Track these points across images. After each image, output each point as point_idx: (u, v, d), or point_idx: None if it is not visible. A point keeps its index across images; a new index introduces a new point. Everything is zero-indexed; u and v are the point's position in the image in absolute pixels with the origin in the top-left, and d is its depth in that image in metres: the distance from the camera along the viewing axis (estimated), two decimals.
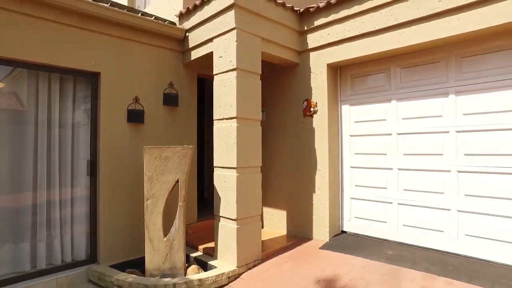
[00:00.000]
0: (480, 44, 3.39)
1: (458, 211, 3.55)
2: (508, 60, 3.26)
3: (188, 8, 4.36)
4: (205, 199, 6.28)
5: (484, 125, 3.40)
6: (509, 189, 3.23)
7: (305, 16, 4.48)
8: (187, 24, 4.45)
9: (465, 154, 3.52)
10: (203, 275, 3.39)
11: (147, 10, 5.64)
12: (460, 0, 3.16)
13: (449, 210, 3.62)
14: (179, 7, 4.80)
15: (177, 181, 3.64)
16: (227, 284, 3.42)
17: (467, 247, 3.48)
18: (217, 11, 3.88)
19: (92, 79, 3.78)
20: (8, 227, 3.31)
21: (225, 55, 3.79)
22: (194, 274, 3.47)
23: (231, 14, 3.70)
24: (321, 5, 4.24)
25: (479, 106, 3.43)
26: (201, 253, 4.08)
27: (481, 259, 3.35)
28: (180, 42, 4.55)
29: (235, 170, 3.63)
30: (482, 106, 3.41)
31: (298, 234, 4.59)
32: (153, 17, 4.19)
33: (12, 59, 3.22)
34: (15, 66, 3.34)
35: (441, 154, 3.68)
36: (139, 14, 4.02)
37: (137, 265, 3.75)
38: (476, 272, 3.08)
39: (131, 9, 4.06)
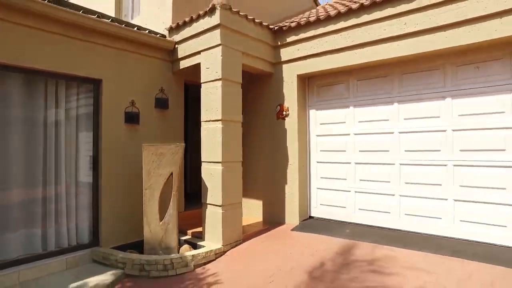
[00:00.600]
0: (416, 64, 4.30)
1: (400, 195, 4.45)
2: (434, 78, 4.19)
3: (177, 23, 4.97)
4: (189, 194, 6.83)
5: (419, 127, 4.31)
6: (436, 177, 4.16)
7: (279, 33, 5.25)
8: (176, 37, 5.06)
9: (405, 150, 4.42)
10: (195, 252, 4.03)
11: (136, 21, 6.14)
12: (398, 31, 4.06)
13: (393, 195, 4.50)
14: (168, 20, 5.38)
15: (171, 174, 4.25)
16: (214, 260, 4.08)
17: (406, 223, 4.38)
18: (205, 28, 4.53)
19: (94, 85, 4.30)
20: (21, 215, 3.76)
21: (211, 66, 4.45)
22: (187, 252, 4.10)
23: (217, 32, 4.37)
24: (292, 25, 5.02)
25: (415, 113, 4.34)
26: (190, 237, 4.70)
27: (416, 232, 4.26)
28: (170, 53, 5.15)
29: (220, 164, 4.30)
30: (417, 112, 4.32)
31: (273, 220, 5.33)
32: (147, 31, 4.77)
33: (27, 67, 3.69)
34: (29, 74, 3.79)
35: (388, 151, 4.57)
36: (135, 29, 4.58)
37: (134, 247, 4.32)
38: (410, 241, 3.98)
39: (128, 24, 4.62)
